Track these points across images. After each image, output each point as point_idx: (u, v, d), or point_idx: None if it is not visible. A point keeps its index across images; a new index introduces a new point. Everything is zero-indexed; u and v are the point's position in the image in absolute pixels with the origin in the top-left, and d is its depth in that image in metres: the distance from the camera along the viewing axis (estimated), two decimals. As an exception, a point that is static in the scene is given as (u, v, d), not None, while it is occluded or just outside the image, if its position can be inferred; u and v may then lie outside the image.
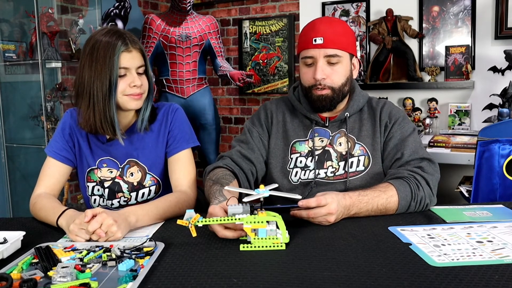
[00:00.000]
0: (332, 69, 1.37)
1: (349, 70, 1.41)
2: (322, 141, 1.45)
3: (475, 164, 1.70)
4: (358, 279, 0.83)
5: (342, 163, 1.42)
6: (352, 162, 1.41)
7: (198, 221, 1.00)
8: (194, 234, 1.02)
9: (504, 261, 0.88)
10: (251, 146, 1.48)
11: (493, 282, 0.80)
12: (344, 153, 1.42)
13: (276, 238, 0.99)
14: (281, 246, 0.99)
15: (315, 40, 1.34)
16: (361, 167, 1.41)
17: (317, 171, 1.43)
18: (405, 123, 1.44)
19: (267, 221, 1.00)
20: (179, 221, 1.03)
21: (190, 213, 1.05)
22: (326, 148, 1.44)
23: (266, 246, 0.99)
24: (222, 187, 1.26)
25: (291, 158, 1.46)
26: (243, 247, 0.99)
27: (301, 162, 1.44)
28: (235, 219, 0.99)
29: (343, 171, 1.41)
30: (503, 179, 1.64)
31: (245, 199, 1.03)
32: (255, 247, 0.99)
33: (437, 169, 1.37)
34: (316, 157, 1.43)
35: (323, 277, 0.85)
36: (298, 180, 1.44)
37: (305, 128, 1.48)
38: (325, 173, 1.43)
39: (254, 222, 0.98)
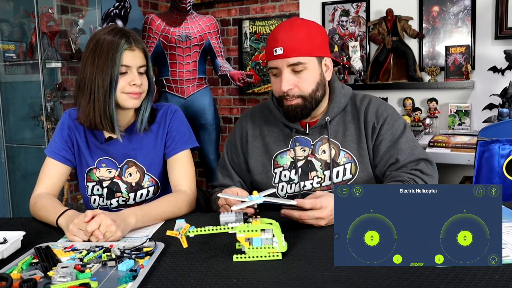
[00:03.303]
0: (299, 77, 1.30)
1: (318, 74, 1.33)
2: (304, 150, 1.39)
3: (475, 164, 1.70)
4: (358, 279, 0.83)
5: (327, 172, 1.36)
6: (338, 172, 1.36)
7: (189, 231, 0.97)
8: (185, 245, 0.99)
9: (504, 261, 0.88)
10: (229, 173, 1.49)
11: (493, 282, 0.80)
12: (328, 161, 1.36)
13: (272, 247, 0.94)
14: (277, 255, 0.94)
15: (275, 51, 1.29)
16: (348, 176, 1.36)
17: (302, 183, 1.38)
18: (394, 121, 1.36)
19: (262, 229, 0.95)
20: (168, 232, 1.01)
21: (180, 223, 1.03)
22: (309, 158, 1.38)
23: (261, 256, 0.94)
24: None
25: (275, 173, 1.41)
26: (237, 257, 0.94)
27: (285, 176, 1.40)
28: (228, 228, 0.95)
29: (330, 182, 1.36)
30: (503, 179, 1.64)
31: (235, 207, 0.99)
32: (249, 257, 0.94)
33: (435, 168, 1.34)
34: (300, 169, 1.38)
35: (323, 277, 0.85)
36: (285, 194, 1.41)
37: (285, 137, 1.42)
38: (311, 184, 1.38)
39: (248, 230, 0.94)
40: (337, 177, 1.36)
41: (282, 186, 1.41)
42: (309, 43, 1.30)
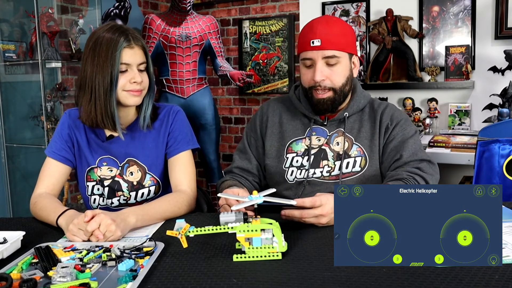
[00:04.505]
0: (331, 70, 1.37)
1: (348, 69, 1.41)
2: (319, 140, 1.45)
3: (475, 164, 1.70)
4: (358, 279, 0.83)
5: (338, 163, 1.42)
6: (348, 163, 1.41)
7: (189, 231, 0.97)
8: (185, 245, 0.99)
9: (504, 261, 0.88)
10: (248, 157, 1.53)
11: (493, 282, 0.80)
12: (340, 152, 1.42)
13: (272, 247, 0.94)
14: (277, 255, 0.95)
15: (312, 42, 1.35)
16: (357, 168, 1.41)
17: (311, 170, 1.43)
18: (407, 126, 1.43)
19: (262, 229, 0.95)
20: (168, 232, 1.01)
21: (180, 223, 1.03)
22: (323, 147, 1.44)
23: (261, 256, 0.94)
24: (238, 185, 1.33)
25: (287, 158, 1.46)
26: (236, 257, 0.95)
27: (297, 161, 1.45)
28: (228, 228, 0.95)
29: (339, 171, 1.41)
30: (503, 179, 1.64)
31: (235, 207, 0.99)
32: (249, 257, 0.94)
33: (436, 170, 1.37)
34: (312, 156, 1.43)
35: (323, 277, 0.85)
36: (294, 179, 1.45)
37: (303, 126, 1.48)
38: (321, 172, 1.42)
39: (248, 230, 0.94)
40: (346, 167, 1.41)
41: (292, 171, 1.45)
42: (344, 38, 1.37)
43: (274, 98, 1.62)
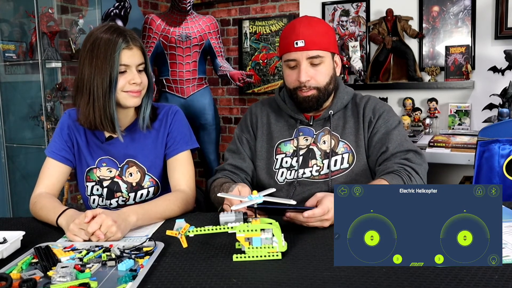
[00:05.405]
0: (316, 70, 1.38)
1: (332, 68, 1.42)
2: (307, 139, 1.46)
3: (475, 164, 1.70)
4: (358, 279, 0.83)
5: (326, 161, 1.43)
6: (336, 160, 1.42)
7: (189, 231, 0.98)
8: (184, 245, 0.99)
9: (504, 261, 0.88)
10: (242, 156, 1.52)
11: (493, 282, 0.80)
12: (328, 151, 1.43)
13: (272, 247, 0.94)
14: (277, 255, 0.95)
15: (296, 43, 1.35)
16: (345, 165, 1.41)
17: (301, 170, 1.43)
18: (390, 117, 1.44)
19: (262, 229, 0.95)
20: (168, 232, 1.01)
21: (180, 223, 1.03)
22: (311, 146, 1.45)
23: (261, 256, 0.94)
24: (232, 183, 1.32)
25: (276, 159, 1.47)
26: (236, 257, 0.95)
27: (286, 162, 1.46)
28: (228, 228, 0.96)
29: (328, 170, 1.42)
30: (503, 179, 1.64)
31: (235, 207, 0.99)
32: (249, 257, 0.94)
33: (424, 159, 1.38)
34: (301, 157, 1.44)
35: (323, 277, 0.85)
36: (284, 180, 1.45)
37: (290, 127, 1.49)
38: (310, 171, 1.43)
39: (248, 230, 0.94)
40: (335, 165, 1.42)
41: (282, 172, 1.46)
42: (327, 38, 1.38)
43: (261, 100, 1.62)
